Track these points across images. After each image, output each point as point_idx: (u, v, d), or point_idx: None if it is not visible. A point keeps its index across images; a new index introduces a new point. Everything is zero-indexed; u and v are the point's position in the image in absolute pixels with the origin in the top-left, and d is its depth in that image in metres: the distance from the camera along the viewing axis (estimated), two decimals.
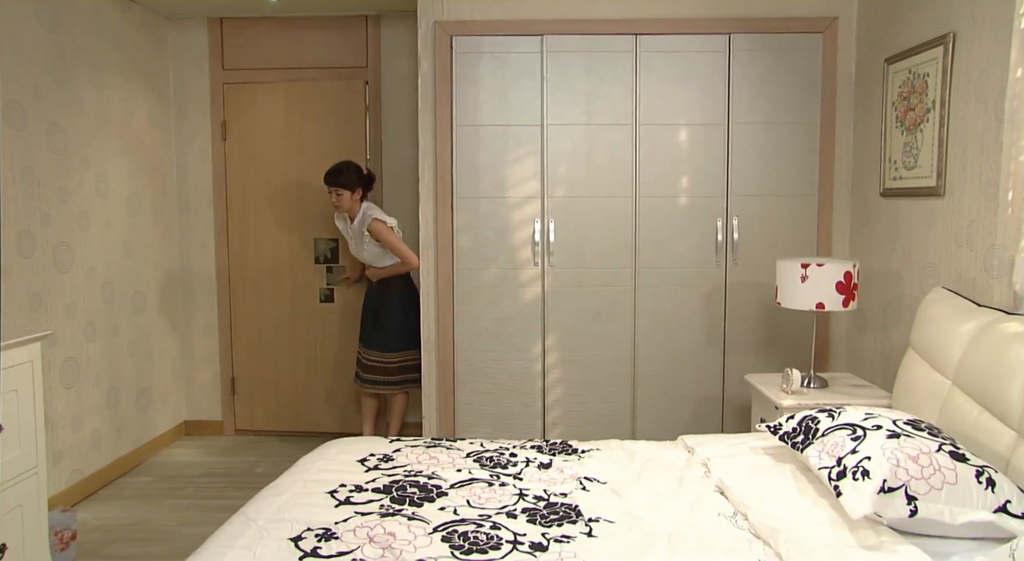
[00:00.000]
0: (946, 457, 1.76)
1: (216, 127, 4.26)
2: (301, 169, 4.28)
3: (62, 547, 2.58)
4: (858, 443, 1.85)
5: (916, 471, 1.72)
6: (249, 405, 4.42)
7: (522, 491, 2.00)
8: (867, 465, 1.75)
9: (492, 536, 1.71)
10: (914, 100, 2.99)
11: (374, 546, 1.63)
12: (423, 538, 1.69)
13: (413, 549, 1.63)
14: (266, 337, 4.38)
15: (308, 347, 4.38)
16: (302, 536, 1.68)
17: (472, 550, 1.63)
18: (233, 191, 4.30)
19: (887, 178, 3.18)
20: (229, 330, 4.36)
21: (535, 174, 3.59)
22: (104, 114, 3.57)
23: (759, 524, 1.74)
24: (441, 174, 3.61)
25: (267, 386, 4.40)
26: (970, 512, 1.69)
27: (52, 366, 3.14)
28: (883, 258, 3.24)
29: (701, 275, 3.59)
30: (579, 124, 3.56)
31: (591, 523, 1.80)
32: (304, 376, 4.39)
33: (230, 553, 1.58)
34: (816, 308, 2.86)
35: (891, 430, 1.87)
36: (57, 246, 3.19)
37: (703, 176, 3.56)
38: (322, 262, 4.35)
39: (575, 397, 3.65)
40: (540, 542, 1.68)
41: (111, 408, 3.62)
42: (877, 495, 1.68)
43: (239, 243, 4.33)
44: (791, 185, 3.57)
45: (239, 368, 4.39)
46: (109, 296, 3.60)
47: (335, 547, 1.63)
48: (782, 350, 3.60)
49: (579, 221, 3.59)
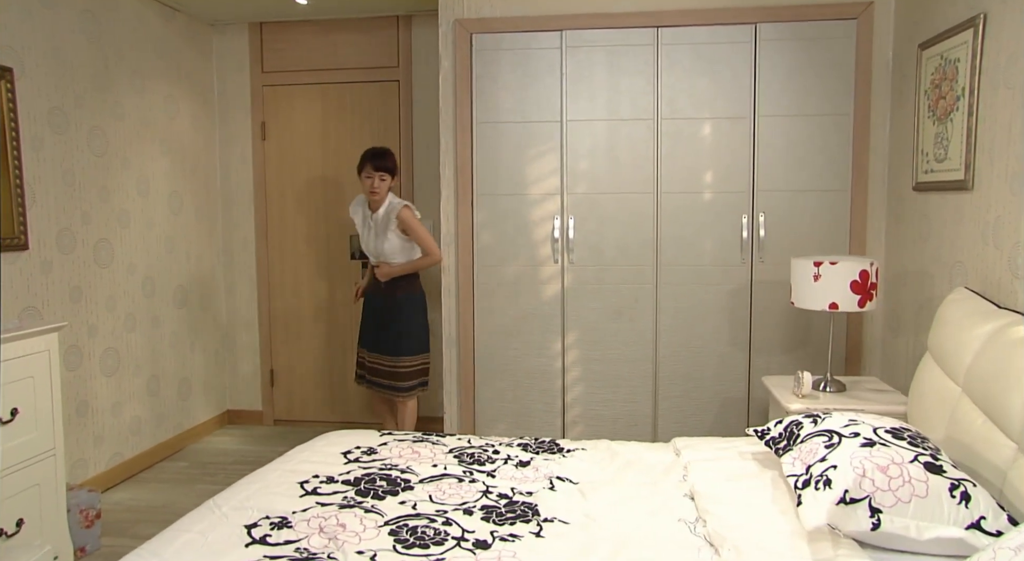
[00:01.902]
0: (919, 468, 1.66)
1: (256, 128, 4.43)
2: (337, 168, 4.40)
3: (87, 524, 2.76)
4: (830, 451, 1.77)
5: (883, 482, 1.63)
6: (287, 396, 4.58)
7: (488, 488, 2.00)
8: (831, 474, 1.67)
9: (440, 531, 1.72)
10: (945, 87, 2.81)
11: (322, 536, 1.67)
12: (371, 530, 1.71)
13: (357, 540, 1.66)
14: (304, 331, 4.53)
15: (343, 340, 4.50)
16: (258, 524, 1.74)
17: (415, 544, 1.65)
18: (272, 190, 4.47)
19: (919, 171, 3.01)
20: (268, 324, 4.53)
21: (555, 170, 3.57)
22: (145, 117, 3.78)
23: (714, 531, 1.69)
24: (462, 171, 3.64)
25: (304, 378, 4.56)
26: (939, 528, 1.59)
27: (92, 355, 3.35)
28: (916, 256, 3.06)
29: (725, 274, 3.49)
30: (599, 119, 3.52)
31: (544, 523, 1.79)
32: (340, 368, 4.52)
33: (183, 537, 1.66)
34: (829, 308, 2.74)
35: (868, 438, 1.78)
36: (98, 243, 3.39)
37: (727, 171, 3.46)
38: (357, 258, 4.46)
39: (595, 396, 3.62)
40: (485, 540, 1.68)
41: (152, 396, 3.83)
42: (836, 506, 1.60)
43: (278, 239, 4.49)
44: (821, 180, 3.42)
45: (277, 360, 4.56)
46: (150, 290, 3.80)
47: (284, 535, 1.68)
48: (811, 352, 3.46)
49: (599, 218, 3.54)
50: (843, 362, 3.49)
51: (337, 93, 4.36)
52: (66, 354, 3.19)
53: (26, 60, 2.97)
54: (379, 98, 4.33)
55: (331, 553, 1.59)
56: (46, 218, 3.07)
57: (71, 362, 3.22)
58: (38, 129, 3.02)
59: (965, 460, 2.03)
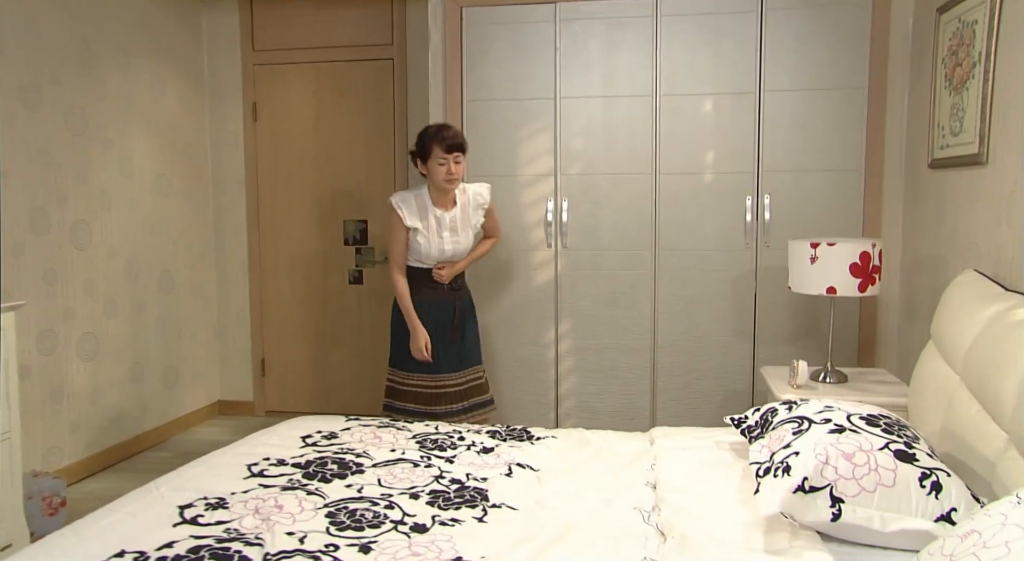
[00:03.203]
0: (887, 456, 1.61)
1: (248, 109, 4.47)
2: (330, 150, 4.43)
3: (51, 512, 2.81)
4: (797, 437, 1.73)
5: (847, 470, 1.58)
6: (279, 386, 4.62)
7: (443, 474, 2.01)
8: (792, 461, 1.63)
9: (380, 514, 1.73)
10: (962, 54, 2.72)
11: (255, 517, 1.69)
12: (308, 513, 1.73)
13: (291, 522, 1.67)
14: (296, 319, 4.57)
15: (337, 328, 4.53)
16: (193, 504, 1.76)
17: (349, 527, 1.66)
18: (264, 173, 4.51)
19: (935, 147, 2.92)
20: (260, 311, 4.58)
21: (548, 150, 3.55)
22: (129, 96, 3.83)
23: (666, 519, 1.67)
24: None
25: (297, 367, 4.60)
26: (905, 519, 1.54)
27: (68, 340, 3.42)
28: (931, 239, 2.97)
29: (728, 259, 3.44)
30: (595, 96, 3.49)
31: (491, 509, 1.79)
32: (333, 357, 4.55)
33: (112, 517, 1.68)
34: (827, 293, 2.68)
35: (838, 424, 1.73)
36: (75, 224, 3.46)
37: (731, 151, 3.40)
38: (351, 244, 4.48)
39: (590, 387, 3.59)
40: (424, 524, 1.69)
41: (135, 384, 3.90)
42: (792, 494, 1.56)
43: (270, 224, 4.53)
44: (832, 159, 3.34)
45: (269, 349, 4.61)
46: (133, 275, 3.86)
47: (218, 516, 1.70)
48: (820, 343, 3.38)
49: (595, 200, 3.52)
50: (855, 354, 3.42)
51: (330, 73, 4.39)
52: (39, 338, 3.25)
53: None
54: (373, 77, 4.34)
55: (259, 534, 1.60)
56: (17, 198, 3.13)
57: (45, 346, 3.29)
58: (9, 106, 3.08)
59: (957, 453, 1.97)
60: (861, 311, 3.40)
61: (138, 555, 1.50)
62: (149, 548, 1.53)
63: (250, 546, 1.54)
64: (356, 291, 4.50)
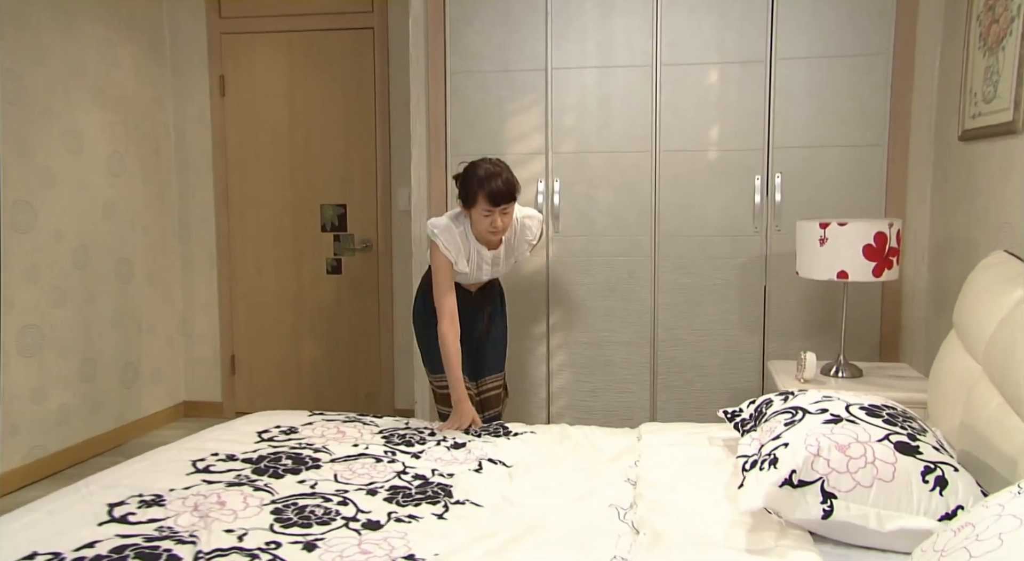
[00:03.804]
0: (887, 449, 1.60)
1: (214, 82, 4.48)
2: (306, 128, 4.43)
3: None
4: (788, 428, 1.72)
5: (840, 463, 1.57)
6: (250, 385, 4.63)
7: (406, 469, 2.04)
8: (780, 452, 1.62)
9: (331, 511, 1.75)
10: (999, 9, 2.69)
11: (193, 515, 1.70)
12: (253, 509, 1.74)
13: (232, 519, 1.68)
14: (269, 311, 4.58)
15: (314, 322, 4.54)
16: (125, 502, 1.77)
17: (295, 523, 1.67)
18: (233, 152, 4.52)
19: (966, 116, 2.88)
20: (229, 303, 4.59)
21: (538, 126, 3.54)
22: (75, 63, 3.81)
23: (641, 516, 1.68)
24: (434, 128, 3.63)
25: (270, 365, 4.61)
26: (904, 518, 1.53)
27: (6, 332, 3.40)
28: (961, 220, 2.94)
29: (735, 244, 3.43)
30: (589, 67, 3.48)
31: (453, 506, 1.81)
32: (310, 354, 4.56)
33: (30, 517, 1.69)
34: (837, 277, 2.66)
35: (835, 415, 1.72)
36: (14, 204, 3.45)
37: (738, 125, 3.39)
38: (329, 230, 4.48)
39: (584, 385, 3.58)
40: (378, 521, 1.70)
41: (86, 382, 3.90)
42: (779, 489, 1.56)
43: (240, 209, 4.54)
44: (851, 133, 3.32)
45: (240, 345, 4.62)
46: (83, 261, 3.86)
47: (150, 514, 1.70)
48: (839, 336, 3.34)
49: (589, 181, 3.51)
50: (876, 347, 3.39)
51: (305, 43, 4.39)
52: None
53: None
54: (352, 48, 4.34)
55: (194, 532, 1.60)
56: None
57: None
58: None
59: (976, 451, 1.95)
60: (883, 300, 3.37)
61: (52, 557, 1.50)
62: (66, 549, 1.53)
63: (182, 545, 1.54)
64: (334, 281, 4.51)
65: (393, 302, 4.45)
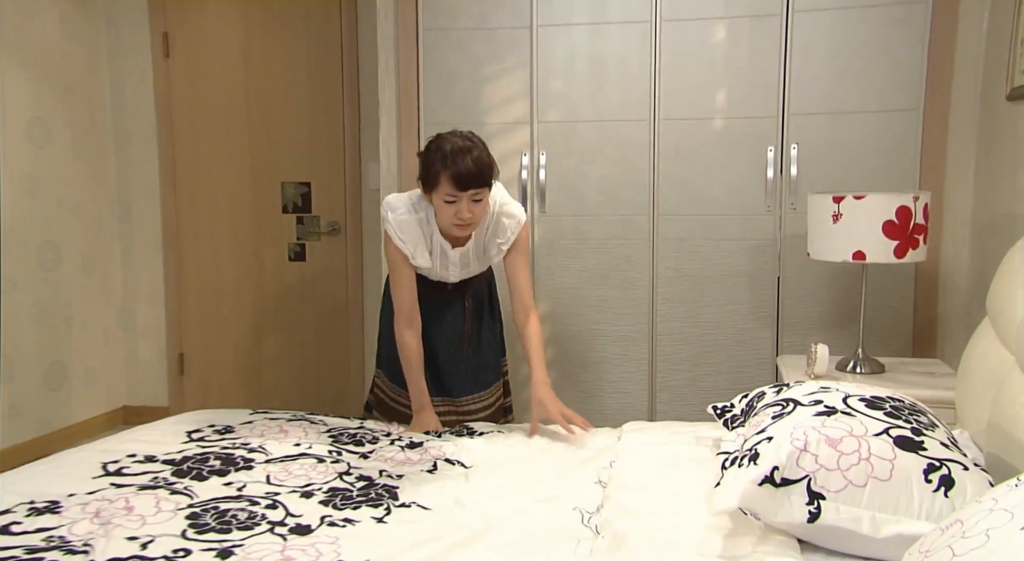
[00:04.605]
0: (884, 444, 1.58)
1: (156, 40, 4.45)
2: (265, 95, 4.42)
3: None
4: (776, 421, 1.71)
5: (830, 459, 1.56)
6: (202, 387, 4.64)
7: (350, 470, 2.06)
8: (762, 447, 1.61)
9: (256, 514, 1.76)
10: None
11: (93, 522, 1.71)
12: (166, 514, 1.75)
13: (139, 525, 1.69)
14: (223, 303, 4.58)
15: (275, 315, 4.54)
16: (11, 510, 1.77)
17: (211, 529, 1.67)
18: (181, 122, 4.51)
19: (1015, 71, 2.83)
20: (177, 294, 4.60)
21: (522, 92, 3.54)
22: None
23: (605, 519, 1.70)
24: (405, 94, 3.63)
25: (224, 364, 4.61)
26: (903, 522, 1.51)
27: None
28: (1008, 193, 2.89)
29: (745, 225, 3.42)
30: (579, 24, 3.48)
31: (398, 509, 1.82)
32: (270, 351, 4.57)
33: None
34: (853, 259, 2.65)
35: (829, 406, 1.71)
36: None
37: (749, 89, 3.38)
38: (291, 211, 4.49)
39: (574, 384, 3.59)
40: (309, 525, 1.72)
41: (2, 384, 3.85)
42: (757, 487, 1.54)
43: (190, 186, 4.54)
44: (881, 96, 3.29)
45: (189, 341, 4.63)
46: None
47: (40, 522, 1.71)
48: (866, 329, 3.27)
49: (579, 153, 3.51)
50: (909, 342, 3.36)
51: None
52: None
53: None
54: (317, 2, 4.33)
55: (89, 540, 1.61)
56: None
57: None
58: None
59: (1004, 453, 1.93)
60: (916, 287, 3.35)
61: None
62: None
63: (72, 555, 1.55)
64: (298, 269, 4.51)
65: (364, 292, 4.45)
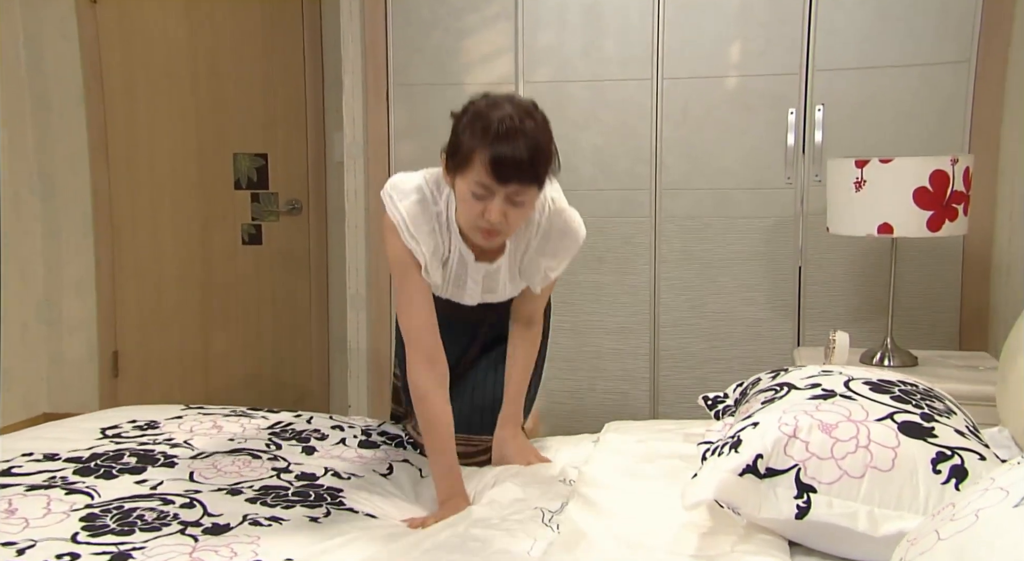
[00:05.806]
0: (887, 430, 1.60)
1: None
2: (213, 51, 4.45)
3: None
4: (765, 406, 1.74)
5: (823, 446, 1.58)
6: (140, 390, 4.65)
7: (289, 467, 2.13)
8: (746, 434, 1.64)
9: (168, 514, 1.81)
10: None
11: None
12: (56, 516, 1.80)
13: (20, 529, 1.73)
14: (165, 294, 4.61)
15: (226, 306, 4.59)
16: None
17: (109, 531, 1.72)
18: (113, 82, 4.52)
19: None
20: (111, 283, 4.63)
21: (507, 48, 3.58)
22: None
23: (565, 518, 1.75)
24: (371, 50, 3.67)
25: (166, 363, 4.64)
26: (905, 518, 1.53)
27: None
28: None
29: (762, 200, 3.45)
30: None
31: (337, 509, 1.88)
32: (221, 348, 4.61)
33: None
34: (879, 233, 2.67)
35: (827, 390, 1.74)
36: None
37: (766, 42, 3.41)
38: (245, 187, 4.52)
39: (567, 381, 3.63)
40: (228, 524, 1.76)
41: None
42: (738, 478, 1.56)
43: (125, 158, 4.56)
44: (923, 48, 3.30)
45: (125, 338, 4.66)
46: None
47: None
48: (901, 321, 3.29)
49: (571, 119, 3.54)
50: (956, 334, 3.37)
51: None
52: None
53: None
54: None
55: None
56: None
57: None
58: None
59: None
60: (964, 270, 3.35)
61: None
62: None
63: None
64: (253, 253, 4.54)
65: (328, 280, 4.48)
